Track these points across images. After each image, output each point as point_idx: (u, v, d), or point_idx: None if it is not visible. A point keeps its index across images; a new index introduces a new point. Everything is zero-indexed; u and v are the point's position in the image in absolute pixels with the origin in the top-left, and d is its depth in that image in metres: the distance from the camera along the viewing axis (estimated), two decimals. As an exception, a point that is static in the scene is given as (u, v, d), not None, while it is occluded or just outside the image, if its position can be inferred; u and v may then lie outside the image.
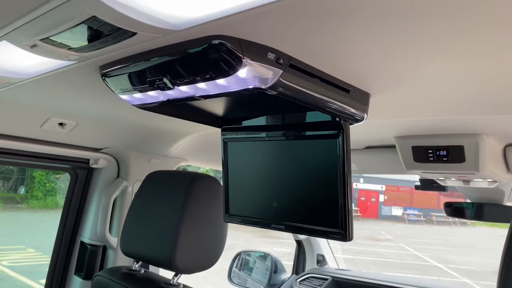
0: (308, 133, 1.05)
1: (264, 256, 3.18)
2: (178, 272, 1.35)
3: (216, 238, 1.41)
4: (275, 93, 0.79)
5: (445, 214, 2.36)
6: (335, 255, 3.20)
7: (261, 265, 3.18)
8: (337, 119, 0.99)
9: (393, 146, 1.68)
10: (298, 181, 1.07)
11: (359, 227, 22.56)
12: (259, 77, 0.75)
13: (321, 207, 1.02)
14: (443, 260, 13.72)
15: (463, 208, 2.31)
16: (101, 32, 0.71)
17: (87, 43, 0.77)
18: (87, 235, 2.11)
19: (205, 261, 1.39)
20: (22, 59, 0.92)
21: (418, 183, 2.23)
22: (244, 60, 0.71)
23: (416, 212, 28.15)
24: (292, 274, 3.15)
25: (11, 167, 15.36)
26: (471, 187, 1.96)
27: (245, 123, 1.22)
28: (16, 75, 1.06)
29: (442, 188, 2.14)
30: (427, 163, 1.60)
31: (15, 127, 1.66)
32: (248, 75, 0.74)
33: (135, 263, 1.51)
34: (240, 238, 13.92)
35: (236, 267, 3.21)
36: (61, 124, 1.63)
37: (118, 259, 2.04)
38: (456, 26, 0.64)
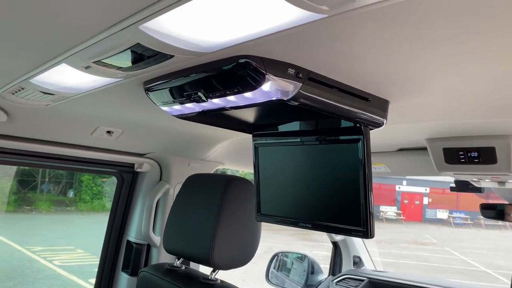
0: (331, 138, 1.12)
1: (301, 258, 3.23)
2: (215, 268, 1.43)
3: (250, 236, 1.49)
4: (296, 103, 0.88)
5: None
6: (372, 258, 3.20)
7: (298, 266, 3.22)
8: (358, 125, 1.05)
9: (425, 148, 1.70)
10: (323, 183, 1.15)
11: (402, 230, 21.99)
12: (281, 90, 0.85)
13: (344, 207, 1.09)
14: (491, 265, 13.14)
15: (502, 210, 2.27)
16: (144, 55, 0.82)
17: (132, 64, 0.89)
18: (133, 234, 2.26)
19: (240, 258, 1.47)
20: (77, 78, 1.05)
21: (453, 185, 2.22)
22: (267, 76, 0.81)
23: (462, 215, 27.04)
24: (329, 275, 3.18)
25: (61, 172, 16.16)
26: (508, 189, 1.94)
27: (274, 129, 1.31)
28: (71, 90, 1.19)
29: (477, 190, 2.12)
30: (458, 164, 1.60)
31: (69, 135, 1.83)
32: (271, 88, 0.84)
33: (176, 260, 1.61)
34: (280, 240, 13.94)
35: (273, 267, 3.26)
36: (108, 132, 1.77)
37: (161, 256, 2.16)
38: (480, 29, 0.64)
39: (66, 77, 1.06)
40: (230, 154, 2.29)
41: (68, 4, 0.65)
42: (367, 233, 1.03)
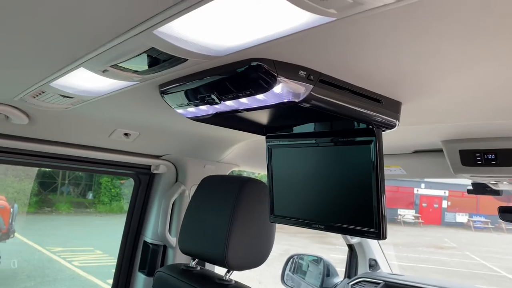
0: (343, 139, 1.13)
1: (317, 260, 3.22)
2: (230, 268, 1.45)
3: (265, 237, 1.51)
4: (307, 105, 0.89)
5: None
6: (389, 261, 3.18)
7: (314, 268, 3.21)
8: (370, 126, 1.06)
9: (441, 150, 1.69)
10: (336, 184, 1.15)
11: (420, 234, 21.66)
12: (292, 92, 0.86)
13: (357, 208, 1.09)
14: (513, 270, 12.88)
15: (522, 213, 2.22)
16: (159, 59, 0.84)
17: (147, 67, 0.91)
18: (149, 235, 2.29)
19: (255, 259, 1.49)
20: (95, 81, 1.08)
21: (471, 187, 2.18)
22: (278, 78, 0.82)
23: (483, 219, 26.48)
24: (345, 278, 3.17)
25: (80, 174, 16.44)
26: (527, 191, 1.90)
27: (287, 131, 1.32)
28: (89, 94, 1.22)
29: (495, 192, 2.09)
30: (475, 166, 1.58)
31: (88, 137, 1.87)
32: (282, 90, 0.85)
33: (192, 260, 1.64)
34: (295, 243, 13.89)
35: (289, 270, 3.27)
36: (126, 134, 1.81)
37: (177, 257, 2.19)
38: (494, 26, 0.62)
39: (84, 81, 1.09)
40: (245, 156, 2.31)
41: (86, 10, 0.68)
42: (379, 234, 1.03)
